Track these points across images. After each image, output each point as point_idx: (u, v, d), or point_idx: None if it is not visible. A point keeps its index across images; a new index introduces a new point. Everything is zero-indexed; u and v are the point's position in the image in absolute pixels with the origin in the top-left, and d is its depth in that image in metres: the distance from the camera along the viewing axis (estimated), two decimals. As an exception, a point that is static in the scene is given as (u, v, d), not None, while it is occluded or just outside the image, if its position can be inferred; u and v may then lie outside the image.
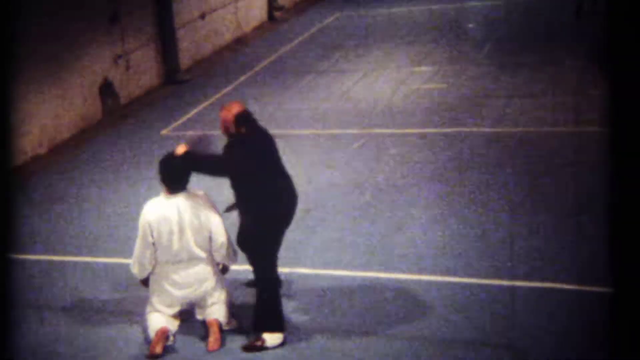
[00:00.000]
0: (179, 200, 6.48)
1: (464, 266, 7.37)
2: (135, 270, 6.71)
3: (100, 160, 11.84)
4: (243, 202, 6.36)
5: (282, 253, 7.86)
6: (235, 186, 6.33)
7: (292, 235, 8.32)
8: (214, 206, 6.53)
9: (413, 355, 6.10)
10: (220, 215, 6.53)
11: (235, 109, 6.27)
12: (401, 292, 7.04)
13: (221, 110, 6.35)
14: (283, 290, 7.21)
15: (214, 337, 6.50)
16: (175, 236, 6.43)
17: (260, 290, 6.38)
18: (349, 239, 8.19)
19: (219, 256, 6.58)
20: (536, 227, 8.02)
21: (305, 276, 7.53)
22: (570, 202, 8.54)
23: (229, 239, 6.63)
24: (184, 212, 6.44)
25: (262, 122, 6.77)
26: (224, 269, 6.82)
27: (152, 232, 6.45)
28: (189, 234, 6.43)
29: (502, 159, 10.02)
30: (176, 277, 6.56)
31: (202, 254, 6.54)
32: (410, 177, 9.71)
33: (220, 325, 6.60)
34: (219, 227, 6.51)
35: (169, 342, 6.56)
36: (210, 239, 6.51)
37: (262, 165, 6.30)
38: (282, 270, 7.50)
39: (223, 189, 6.84)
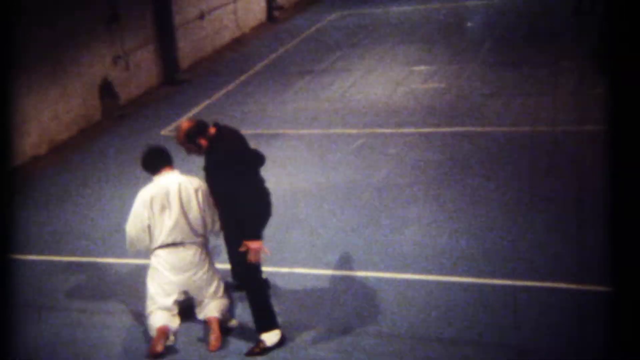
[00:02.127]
0: (173, 178, 6.61)
1: (464, 266, 7.37)
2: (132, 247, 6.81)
3: (99, 160, 11.84)
4: (233, 210, 6.25)
5: (281, 254, 7.89)
6: (225, 194, 6.23)
7: (290, 236, 8.35)
8: (207, 191, 6.57)
9: (412, 355, 6.10)
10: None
11: (182, 130, 6.22)
12: (401, 291, 7.03)
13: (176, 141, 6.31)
14: (282, 290, 7.22)
15: (214, 336, 6.51)
16: (169, 211, 6.50)
17: (251, 293, 6.37)
18: (347, 239, 8.19)
19: (214, 236, 6.86)
20: (536, 226, 8.02)
21: (304, 276, 7.53)
22: (570, 201, 8.53)
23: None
24: (178, 186, 6.53)
25: (262, 121, 6.75)
26: None
27: (148, 210, 6.55)
28: (180, 210, 6.50)
29: (501, 158, 10.02)
30: (172, 258, 6.59)
31: (196, 237, 6.61)
32: (409, 177, 9.71)
33: (220, 323, 6.61)
34: (214, 209, 6.60)
35: (170, 342, 6.56)
36: (204, 221, 6.59)
37: (246, 157, 6.25)
38: (281, 270, 7.54)
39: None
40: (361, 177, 9.87)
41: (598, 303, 6.22)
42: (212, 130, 6.23)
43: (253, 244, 6.03)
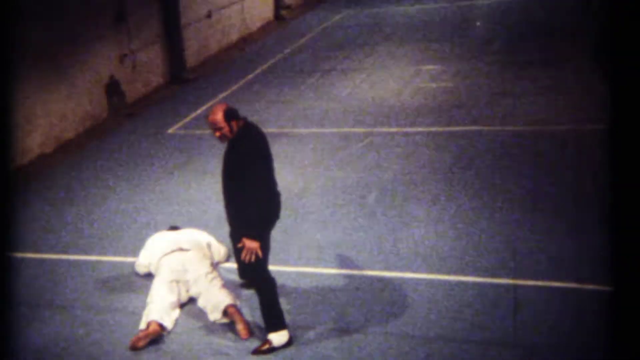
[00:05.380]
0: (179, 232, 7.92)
1: (466, 265, 7.35)
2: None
3: (106, 159, 11.85)
4: (241, 204, 6.23)
5: (288, 252, 7.89)
6: (235, 187, 6.23)
7: (297, 234, 8.34)
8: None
9: (414, 354, 6.09)
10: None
11: (220, 107, 6.18)
12: (408, 291, 7.01)
13: (208, 119, 6.21)
14: (288, 288, 7.22)
15: (241, 325, 6.57)
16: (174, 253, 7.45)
17: (260, 292, 6.36)
18: (354, 238, 8.17)
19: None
20: (538, 225, 8.00)
21: (311, 274, 7.51)
22: (572, 200, 8.51)
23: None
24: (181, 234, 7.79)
25: (269, 120, 6.74)
26: None
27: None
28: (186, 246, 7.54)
29: (507, 157, 9.99)
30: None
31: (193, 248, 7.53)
32: (416, 176, 9.69)
33: (239, 310, 6.69)
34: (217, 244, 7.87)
35: (163, 332, 6.67)
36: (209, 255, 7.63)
37: (265, 155, 6.23)
38: (286, 269, 7.53)
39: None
40: (368, 175, 9.86)
41: (598, 303, 6.21)
42: (241, 121, 6.23)
43: (250, 243, 6.02)
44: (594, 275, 6.69)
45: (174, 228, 8.11)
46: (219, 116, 6.09)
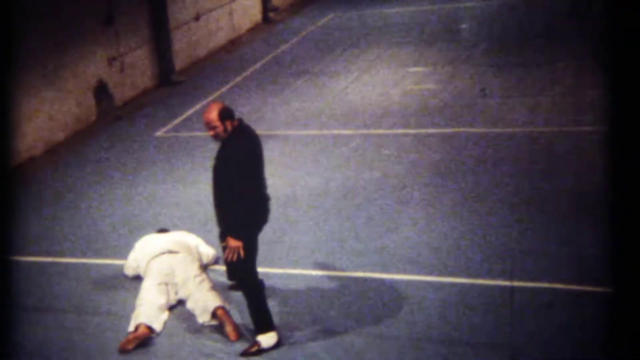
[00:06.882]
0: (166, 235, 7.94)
1: (462, 266, 7.38)
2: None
3: (95, 161, 11.83)
4: (228, 204, 6.24)
5: (277, 254, 7.90)
6: (224, 187, 6.23)
7: (286, 237, 8.35)
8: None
9: (411, 355, 6.11)
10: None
11: (215, 106, 6.22)
12: (398, 292, 7.04)
13: (203, 117, 6.27)
14: (277, 290, 7.23)
15: (230, 327, 6.58)
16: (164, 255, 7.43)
17: (248, 294, 6.38)
18: (344, 240, 8.19)
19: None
20: (534, 226, 8.04)
21: (299, 277, 7.53)
22: (569, 201, 8.55)
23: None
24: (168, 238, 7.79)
25: (257, 123, 6.74)
26: None
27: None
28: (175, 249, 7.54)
29: (498, 159, 10.04)
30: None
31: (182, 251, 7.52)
32: (404, 178, 9.72)
33: (228, 312, 6.70)
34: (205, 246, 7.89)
35: (152, 335, 6.67)
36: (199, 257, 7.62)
37: (256, 158, 6.24)
38: (275, 271, 7.55)
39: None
40: (356, 178, 9.88)
41: (597, 303, 6.23)
42: (235, 122, 6.24)
43: (233, 242, 6.05)
44: (593, 276, 6.72)
45: (162, 231, 8.12)
46: (213, 115, 6.13)
